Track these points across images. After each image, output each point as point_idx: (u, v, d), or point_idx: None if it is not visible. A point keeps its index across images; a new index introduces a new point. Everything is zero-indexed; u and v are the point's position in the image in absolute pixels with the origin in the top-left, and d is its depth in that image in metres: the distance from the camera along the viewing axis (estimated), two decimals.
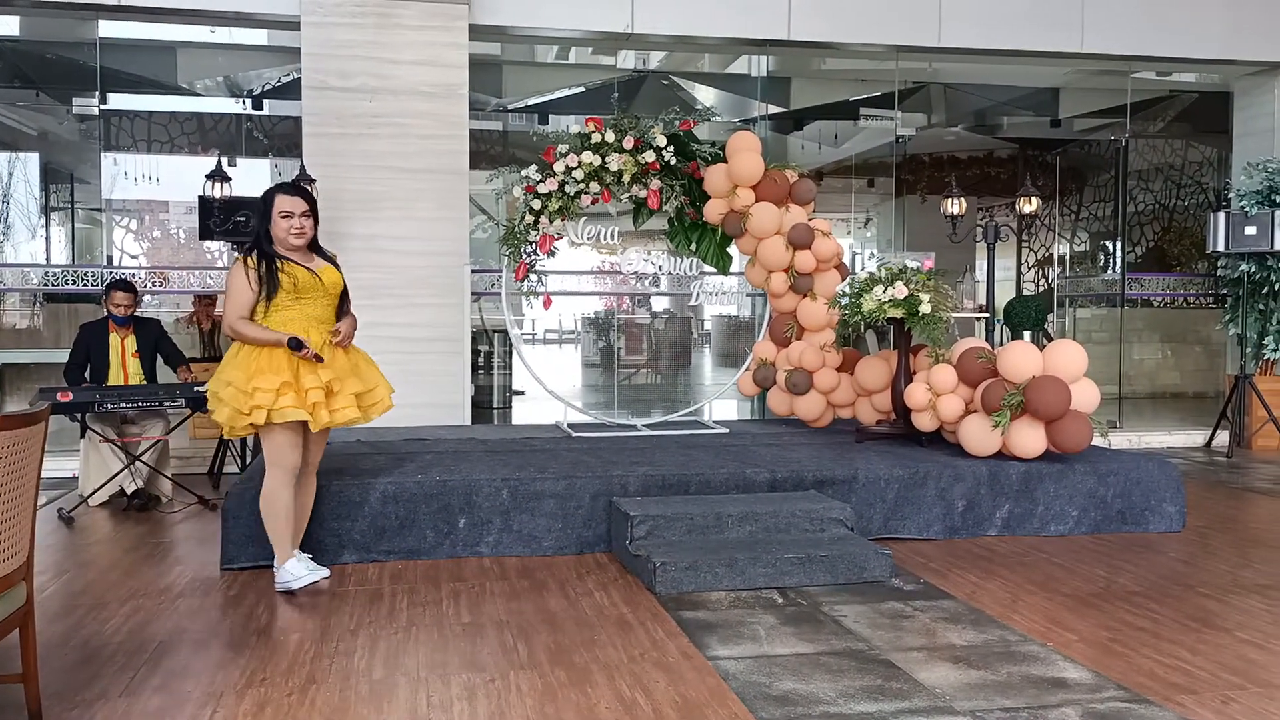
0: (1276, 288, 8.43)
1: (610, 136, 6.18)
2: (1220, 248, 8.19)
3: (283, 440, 4.09)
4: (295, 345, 4.02)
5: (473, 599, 4.10)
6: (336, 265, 4.33)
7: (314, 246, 4.28)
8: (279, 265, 4.10)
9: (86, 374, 6.19)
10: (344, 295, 4.32)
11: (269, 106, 9.69)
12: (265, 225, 4.14)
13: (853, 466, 5.18)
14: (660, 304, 11.16)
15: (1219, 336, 9.92)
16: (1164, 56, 8.73)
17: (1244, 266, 8.43)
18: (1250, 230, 8.03)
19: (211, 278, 8.19)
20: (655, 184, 6.38)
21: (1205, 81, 10.20)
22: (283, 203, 4.14)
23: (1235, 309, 8.76)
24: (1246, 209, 8.22)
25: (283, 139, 9.75)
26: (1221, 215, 8.17)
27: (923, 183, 12.84)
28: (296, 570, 4.13)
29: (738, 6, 7.86)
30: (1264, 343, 8.59)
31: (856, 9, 8.04)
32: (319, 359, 4.07)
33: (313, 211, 4.22)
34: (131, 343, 6.24)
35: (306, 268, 4.16)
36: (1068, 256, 13.43)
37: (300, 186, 4.27)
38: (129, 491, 5.93)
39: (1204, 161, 12.08)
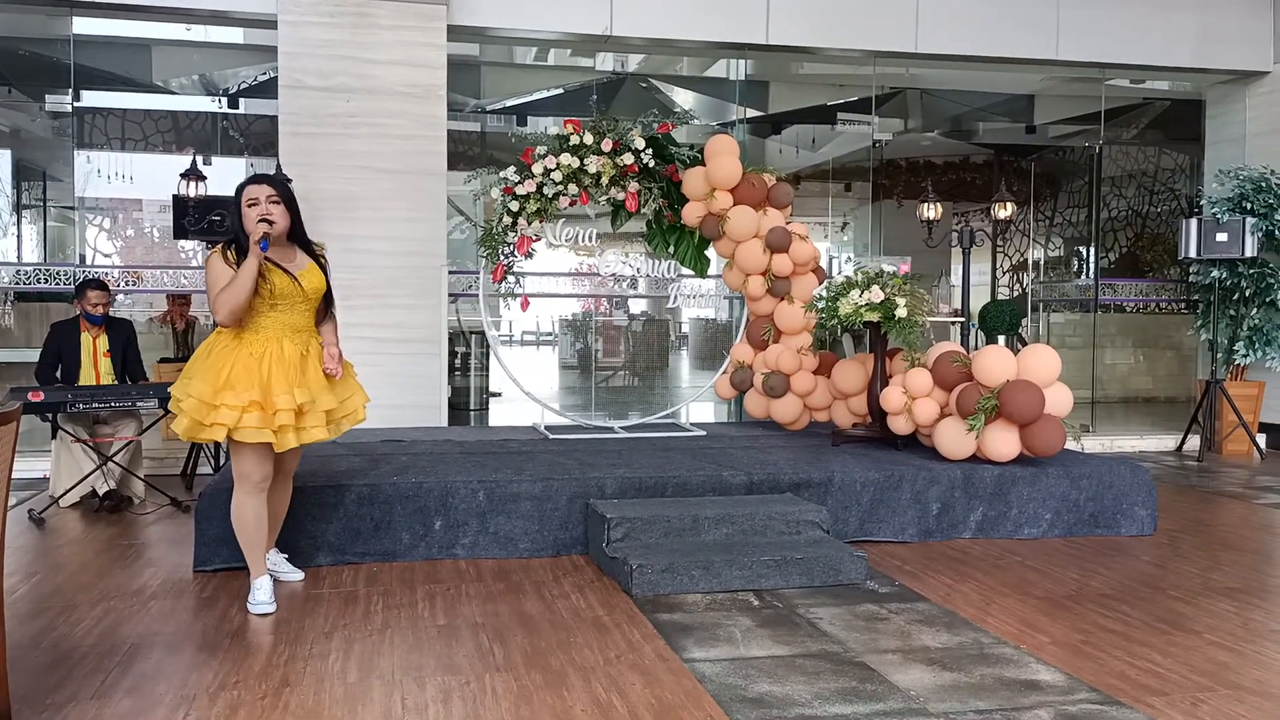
0: (1247, 294, 8.53)
1: (589, 138, 6.19)
2: (1192, 254, 8.28)
3: (249, 458, 3.87)
4: (264, 248, 3.79)
5: (448, 601, 4.09)
6: (321, 261, 4.08)
7: (297, 240, 4.03)
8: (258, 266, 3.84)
9: (58, 373, 6.12)
10: (327, 298, 4.08)
11: (245, 105, 9.63)
12: (239, 221, 3.90)
13: (829, 469, 5.20)
14: (638, 306, 11.17)
15: (1190, 342, 10.03)
16: (1137, 64, 8.82)
17: (1215, 273, 8.53)
18: (1222, 237, 8.12)
19: (185, 277, 8.13)
20: (633, 186, 6.39)
21: (1178, 89, 10.33)
22: (248, 192, 3.88)
23: (1206, 315, 8.85)
24: (1218, 216, 8.31)
25: (259, 138, 9.70)
26: (1193, 222, 8.26)
27: (899, 187, 12.92)
28: (258, 595, 3.93)
29: (716, 10, 7.89)
30: (1234, 348, 8.69)
31: (835, 14, 8.09)
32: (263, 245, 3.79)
33: (284, 199, 3.92)
34: (104, 342, 6.17)
35: (285, 270, 3.91)
36: (1042, 262, 13.55)
37: (267, 175, 4.03)
38: (101, 492, 5.87)
39: (1176, 168, 12.23)
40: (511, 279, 6.41)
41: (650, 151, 6.30)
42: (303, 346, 3.95)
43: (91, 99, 9.28)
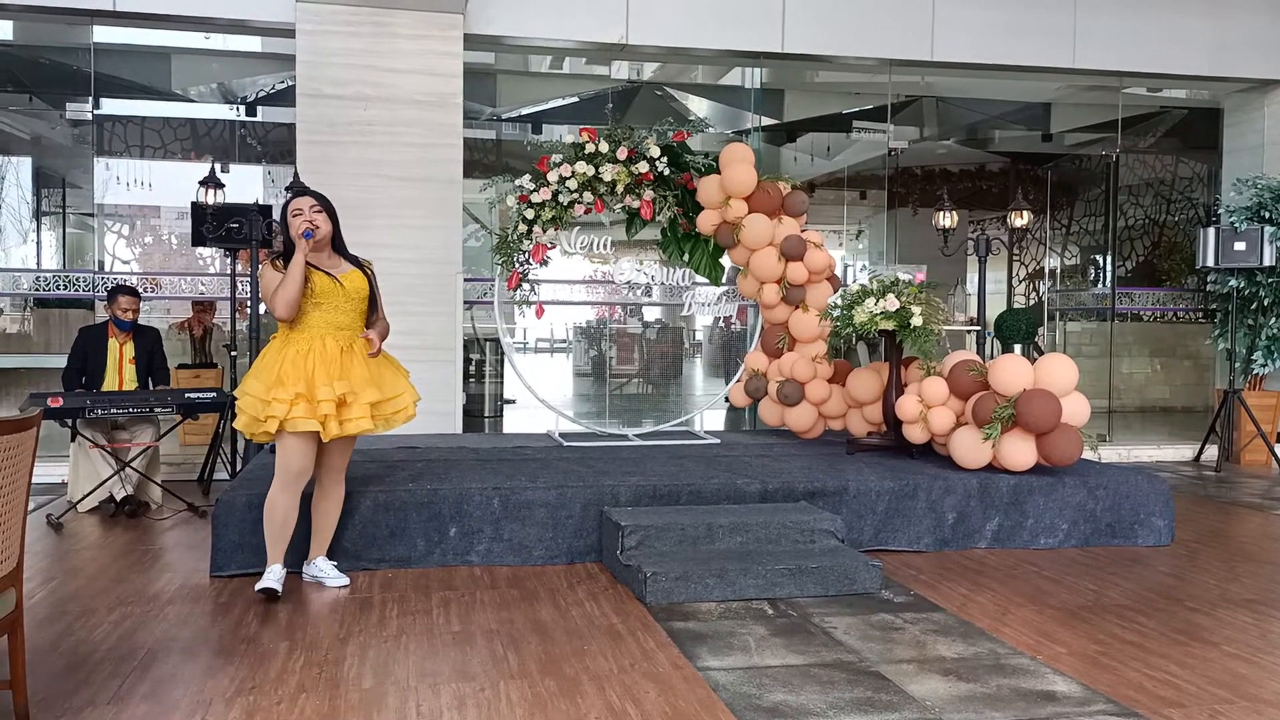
0: (1265, 303, 8.48)
1: (604, 147, 6.20)
2: (1210, 263, 8.23)
3: (292, 448, 4.13)
4: (308, 236, 4.14)
5: (463, 608, 4.09)
6: (367, 272, 4.37)
7: (340, 250, 4.36)
8: None
9: (82, 379, 6.16)
10: (373, 302, 4.35)
11: (262, 113, 9.68)
12: (287, 233, 4.22)
13: (844, 478, 5.19)
14: (652, 314, 11.18)
15: (1208, 351, 9.97)
16: (1154, 73, 8.79)
17: (1233, 282, 8.48)
18: (1239, 246, 8.08)
19: (204, 284, 8.19)
20: (648, 194, 6.40)
21: (1195, 98, 10.27)
22: (292, 205, 4.25)
23: (1224, 324, 8.80)
24: (1236, 225, 8.27)
25: (276, 146, 9.76)
26: (1211, 231, 8.22)
27: (915, 195, 12.89)
28: (267, 580, 4.16)
29: (732, 19, 7.90)
30: (1252, 358, 8.63)
31: (850, 22, 8.09)
32: (308, 235, 4.12)
33: (326, 209, 4.27)
34: (130, 349, 6.22)
35: (327, 272, 4.21)
36: (1058, 270, 13.49)
37: (308, 188, 4.38)
38: (118, 498, 5.91)
39: (1194, 177, 12.15)
40: (526, 286, 6.42)
41: (665, 159, 6.31)
42: (344, 343, 4.22)
43: (111, 107, 9.35)
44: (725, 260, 6.76)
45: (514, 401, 10.03)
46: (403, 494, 4.74)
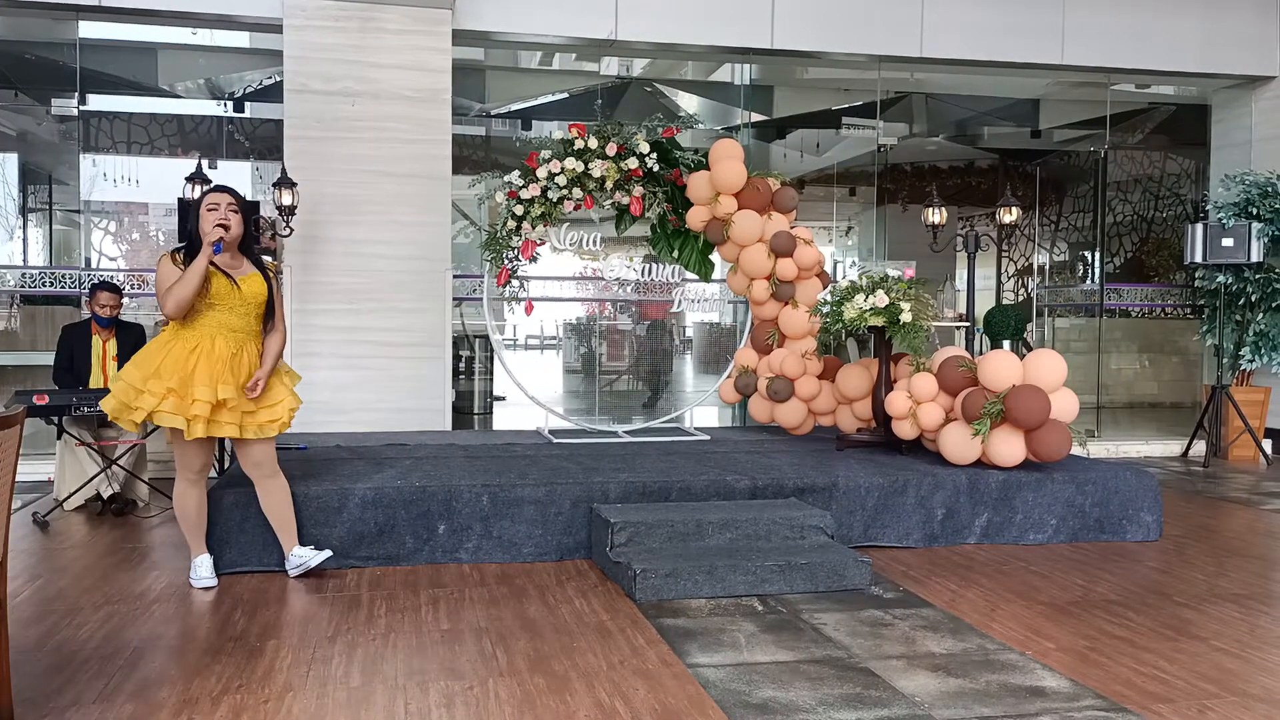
0: (1253, 299, 8.51)
1: (593, 143, 6.19)
2: (1198, 259, 8.26)
3: (189, 447, 4.20)
4: (217, 250, 4.10)
5: (452, 606, 4.08)
6: (269, 276, 4.33)
7: (246, 251, 4.32)
8: None
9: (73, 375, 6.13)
10: (270, 307, 4.31)
11: (250, 109, 9.63)
12: (196, 225, 4.17)
13: (833, 474, 5.19)
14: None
15: (1196, 347, 10.00)
16: (1143, 69, 8.81)
17: (1221, 278, 8.50)
18: (1227, 242, 8.11)
19: None
20: (638, 191, 6.39)
21: (1183, 94, 10.30)
22: (209, 199, 4.20)
23: (1212, 320, 8.83)
24: (1224, 221, 8.30)
25: (264, 142, 9.71)
26: (1199, 227, 8.25)
27: (904, 192, 12.89)
28: (199, 572, 4.33)
29: (721, 15, 7.89)
30: (1240, 353, 8.66)
31: (839, 19, 8.08)
32: (217, 249, 4.09)
33: (241, 210, 4.23)
34: (113, 346, 6.18)
35: (226, 274, 4.18)
36: (1047, 266, 13.53)
37: (228, 186, 4.33)
38: (105, 496, 5.88)
39: (1182, 173, 12.19)
40: (516, 283, 6.40)
41: (654, 156, 6.30)
42: (235, 346, 4.20)
43: (97, 103, 9.28)
44: (715, 256, 6.75)
45: (503, 398, 10.00)
46: (391, 491, 4.72)
